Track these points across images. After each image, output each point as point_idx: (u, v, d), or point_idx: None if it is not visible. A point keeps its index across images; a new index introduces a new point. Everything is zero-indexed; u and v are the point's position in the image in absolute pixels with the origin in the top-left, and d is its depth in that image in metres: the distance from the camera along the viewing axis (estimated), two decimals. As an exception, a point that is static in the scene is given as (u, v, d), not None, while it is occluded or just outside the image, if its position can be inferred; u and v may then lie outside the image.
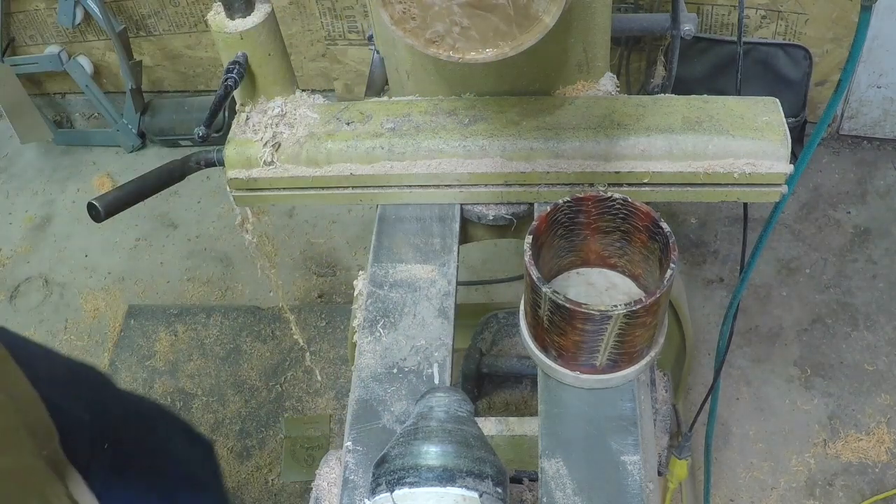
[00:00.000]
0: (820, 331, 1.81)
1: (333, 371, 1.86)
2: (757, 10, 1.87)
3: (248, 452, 1.76)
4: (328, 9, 2.06)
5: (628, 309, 0.58)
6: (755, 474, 1.63)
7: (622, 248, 0.69)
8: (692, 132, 0.78)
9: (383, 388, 0.70)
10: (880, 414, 1.68)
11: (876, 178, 2.04)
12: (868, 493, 1.58)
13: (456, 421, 0.54)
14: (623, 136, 0.78)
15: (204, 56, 2.27)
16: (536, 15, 0.62)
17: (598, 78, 0.87)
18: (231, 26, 0.83)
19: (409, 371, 0.71)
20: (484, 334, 1.15)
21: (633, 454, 0.63)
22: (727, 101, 0.81)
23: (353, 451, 0.67)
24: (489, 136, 0.81)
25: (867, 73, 1.93)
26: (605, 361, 0.64)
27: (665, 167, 0.78)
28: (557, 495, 0.62)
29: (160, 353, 1.93)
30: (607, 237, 0.69)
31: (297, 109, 0.88)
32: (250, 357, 1.90)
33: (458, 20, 0.62)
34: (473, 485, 0.51)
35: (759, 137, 0.77)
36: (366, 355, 0.73)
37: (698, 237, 1.98)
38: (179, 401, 1.84)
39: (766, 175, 0.77)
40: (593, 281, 0.72)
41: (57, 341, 1.98)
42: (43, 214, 2.26)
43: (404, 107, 0.85)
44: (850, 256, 1.91)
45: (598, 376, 0.65)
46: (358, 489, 0.64)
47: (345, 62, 2.17)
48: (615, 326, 0.60)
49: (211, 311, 1.99)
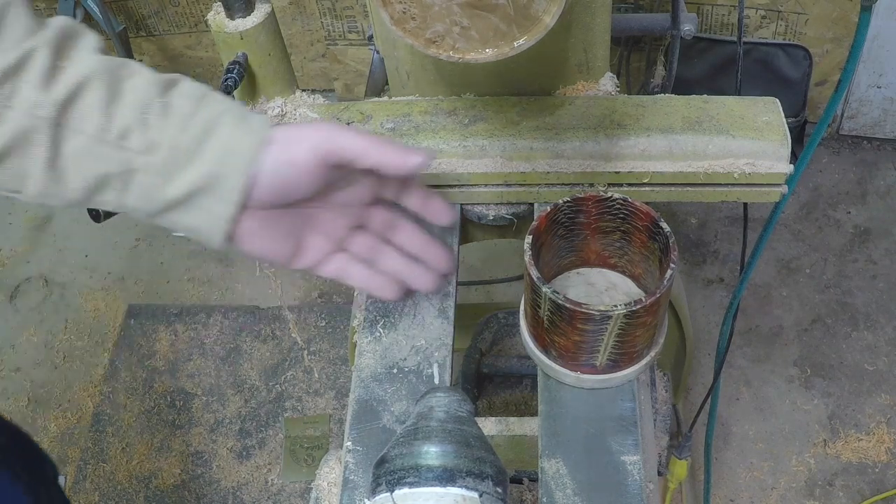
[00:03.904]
0: (820, 331, 1.81)
1: (333, 371, 1.86)
2: (757, 10, 1.87)
3: (247, 452, 1.76)
4: (328, 9, 2.06)
5: (628, 309, 0.58)
6: (755, 474, 1.63)
7: (622, 248, 0.69)
8: (692, 132, 0.78)
9: (383, 388, 0.70)
10: (880, 414, 1.68)
11: (876, 178, 2.04)
12: (868, 493, 1.58)
13: (456, 421, 0.54)
14: (623, 136, 0.78)
15: (204, 56, 2.27)
16: (536, 15, 0.62)
17: (598, 78, 0.87)
18: (231, 26, 0.83)
19: (409, 371, 0.71)
20: (484, 334, 1.15)
21: (633, 454, 0.63)
22: (727, 101, 0.81)
23: (353, 451, 0.67)
24: (489, 136, 0.81)
25: (867, 73, 1.93)
26: (606, 361, 0.64)
27: (665, 167, 0.78)
28: (557, 495, 0.62)
29: (160, 353, 1.93)
30: (607, 237, 0.69)
31: (297, 109, 0.88)
32: (250, 357, 1.90)
33: (458, 20, 0.62)
34: (473, 485, 0.51)
35: (759, 137, 0.77)
36: (366, 355, 0.73)
37: (698, 237, 1.98)
38: (179, 400, 1.85)
39: (766, 175, 0.77)
40: (593, 281, 0.72)
41: (57, 341, 1.98)
42: (43, 214, 2.26)
43: (404, 107, 0.85)
44: (850, 256, 1.91)
45: (598, 376, 0.65)
46: (358, 489, 0.64)
47: (345, 62, 2.17)
48: (615, 326, 0.60)
49: (211, 311, 1.99)
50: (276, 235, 0.64)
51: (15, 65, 0.56)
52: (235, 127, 0.60)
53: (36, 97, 0.56)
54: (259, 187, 0.60)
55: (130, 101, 0.59)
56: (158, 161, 0.59)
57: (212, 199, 0.60)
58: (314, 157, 0.60)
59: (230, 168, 0.59)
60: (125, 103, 0.59)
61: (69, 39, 0.60)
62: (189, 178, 0.59)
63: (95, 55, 0.60)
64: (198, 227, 0.61)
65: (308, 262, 0.67)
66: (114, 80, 0.59)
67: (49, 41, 0.58)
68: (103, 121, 0.58)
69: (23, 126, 0.56)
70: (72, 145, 0.58)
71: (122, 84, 0.59)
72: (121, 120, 0.58)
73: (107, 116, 0.58)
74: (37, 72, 0.57)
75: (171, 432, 1.80)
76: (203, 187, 0.59)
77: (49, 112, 0.57)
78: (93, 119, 0.58)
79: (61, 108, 0.57)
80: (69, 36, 0.60)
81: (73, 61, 0.59)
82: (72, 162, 0.58)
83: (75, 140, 0.58)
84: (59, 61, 0.58)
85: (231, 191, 0.59)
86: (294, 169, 0.60)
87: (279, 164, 0.60)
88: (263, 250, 0.64)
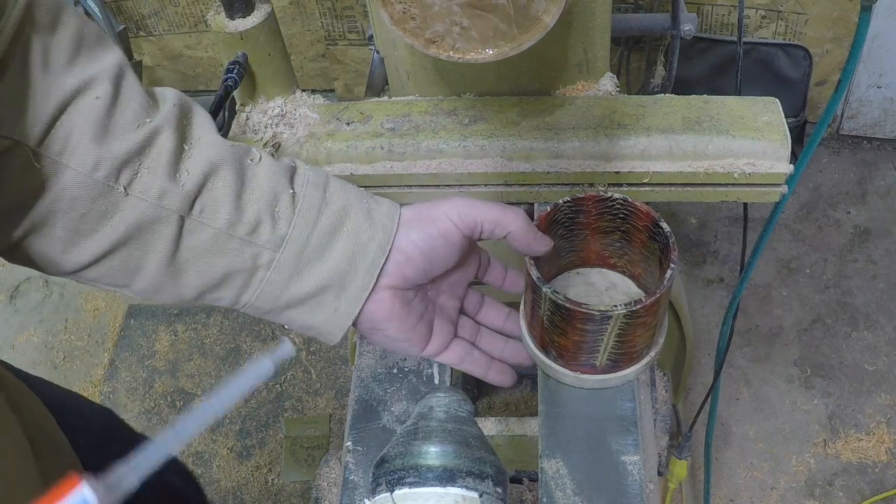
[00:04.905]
0: (820, 331, 1.81)
1: (333, 371, 1.86)
2: (757, 10, 1.87)
3: (247, 452, 1.76)
4: (328, 9, 2.06)
5: (628, 309, 0.58)
6: (755, 474, 1.63)
7: (622, 248, 0.69)
8: (692, 132, 0.78)
9: (383, 388, 0.70)
10: (880, 414, 1.68)
11: (876, 178, 2.04)
12: (868, 493, 1.58)
13: (456, 421, 0.54)
14: (623, 136, 0.78)
15: (204, 56, 2.27)
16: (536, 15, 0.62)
17: (598, 78, 0.87)
18: (231, 26, 0.83)
19: (409, 371, 0.71)
20: (484, 334, 1.15)
21: (633, 454, 0.63)
22: (727, 101, 0.81)
23: (353, 451, 0.67)
24: (489, 136, 0.81)
25: (867, 73, 1.93)
26: (606, 361, 0.64)
27: (665, 167, 0.78)
28: (557, 495, 0.62)
29: (160, 353, 1.93)
30: (607, 237, 0.69)
31: (297, 109, 0.88)
32: (250, 357, 1.90)
33: (458, 20, 0.62)
34: (473, 485, 0.51)
35: (759, 137, 0.77)
36: (366, 355, 0.73)
37: (698, 237, 1.98)
38: (179, 401, 1.85)
39: (766, 175, 0.77)
40: (593, 281, 0.72)
41: (57, 341, 1.98)
42: (43, 214, 2.26)
43: (404, 107, 0.85)
44: (850, 256, 1.91)
45: (598, 376, 0.65)
46: (358, 489, 0.64)
47: (345, 62, 2.17)
48: (615, 326, 0.60)
49: (211, 311, 1.99)
50: (412, 319, 0.60)
51: (139, 148, 0.50)
52: (365, 218, 0.56)
53: (163, 185, 0.51)
54: (406, 264, 0.57)
55: (259, 192, 0.54)
56: (287, 258, 0.54)
57: (339, 300, 0.56)
58: (455, 227, 0.58)
59: (359, 265, 0.55)
60: (255, 194, 0.53)
61: (187, 116, 0.54)
62: (316, 277, 0.55)
63: (217, 136, 0.55)
64: (319, 326, 0.57)
65: (437, 346, 0.64)
66: (241, 167, 0.54)
67: (170, 121, 0.52)
68: (233, 214, 0.52)
69: (146, 217, 0.51)
70: (197, 239, 0.52)
71: (248, 172, 0.54)
72: (251, 212, 0.53)
73: (237, 209, 0.53)
74: (163, 157, 0.51)
75: (171, 432, 1.80)
76: (329, 285, 0.55)
77: (177, 204, 0.51)
78: (223, 212, 0.52)
79: (191, 200, 0.52)
80: (186, 112, 0.55)
81: (198, 145, 0.53)
82: (194, 256, 0.53)
83: (202, 233, 0.52)
84: (183, 143, 0.53)
85: (360, 290, 0.56)
86: (443, 241, 0.57)
87: (426, 237, 0.57)
88: (403, 333, 0.60)
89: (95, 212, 0.50)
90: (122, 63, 0.52)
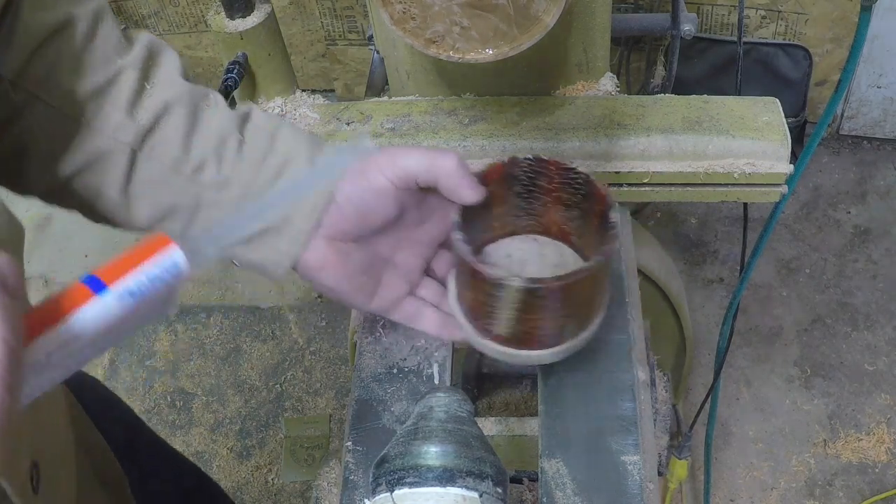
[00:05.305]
0: (820, 331, 1.81)
1: (333, 371, 1.86)
2: (757, 10, 1.87)
3: (247, 452, 1.76)
4: (328, 9, 2.06)
5: (526, 286, 0.56)
6: (755, 474, 1.63)
7: (581, 227, 0.66)
8: (692, 132, 0.78)
9: (383, 388, 0.70)
10: (880, 414, 1.68)
11: (876, 178, 2.04)
12: (868, 493, 1.58)
13: (456, 421, 0.54)
14: (623, 136, 0.79)
15: (204, 56, 2.27)
16: (536, 15, 0.62)
17: (598, 78, 0.87)
18: (231, 26, 0.83)
19: (409, 371, 0.71)
20: (484, 334, 1.15)
21: (633, 454, 0.63)
22: (727, 101, 0.81)
23: (353, 451, 0.67)
24: (489, 136, 0.81)
25: (867, 73, 1.93)
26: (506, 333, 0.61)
27: (665, 167, 0.78)
28: (557, 495, 0.62)
29: (160, 353, 1.93)
30: (568, 211, 0.66)
31: (297, 109, 0.88)
32: (250, 357, 1.90)
33: (458, 20, 0.63)
34: (473, 485, 0.51)
35: (759, 137, 0.77)
36: (366, 355, 0.73)
37: (698, 237, 1.98)
38: (179, 401, 1.85)
39: (766, 175, 0.77)
40: (545, 252, 0.69)
41: (57, 341, 1.98)
42: (43, 214, 2.26)
43: (404, 107, 0.85)
44: (850, 256, 1.91)
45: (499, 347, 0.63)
46: (358, 489, 0.64)
47: (345, 62, 2.17)
48: (512, 299, 0.57)
49: (211, 311, 1.99)
50: (354, 271, 0.62)
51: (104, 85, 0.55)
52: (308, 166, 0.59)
53: (120, 120, 0.55)
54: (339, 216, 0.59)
55: (208, 134, 0.58)
56: (229, 199, 0.57)
57: (279, 239, 0.58)
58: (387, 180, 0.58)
59: (300, 210, 0.58)
60: (203, 136, 0.57)
61: (154, 58, 0.58)
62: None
63: (178, 79, 0.58)
64: (261, 264, 0.60)
65: (384, 302, 0.65)
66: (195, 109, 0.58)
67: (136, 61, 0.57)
68: (181, 153, 0.57)
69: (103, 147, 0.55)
70: (147, 172, 0.57)
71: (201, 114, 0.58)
72: (198, 153, 0.57)
73: (184, 148, 0.57)
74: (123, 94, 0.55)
75: (171, 432, 1.80)
76: (271, 228, 0.58)
77: (130, 138, 0.56)
78: (171, 150, 0.57)
79: (143, 136, 0.56)
80: (154, 54, 0.59)
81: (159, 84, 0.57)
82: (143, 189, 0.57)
83: (151, 168, 0.57)
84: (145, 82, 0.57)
85: (299, 233, 0.58)
86: (373, 194, 0.58)
87: (358, 190, 0.58)
88: (340, 285, 0.62)
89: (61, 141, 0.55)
90: (104, 6, 0.57)
